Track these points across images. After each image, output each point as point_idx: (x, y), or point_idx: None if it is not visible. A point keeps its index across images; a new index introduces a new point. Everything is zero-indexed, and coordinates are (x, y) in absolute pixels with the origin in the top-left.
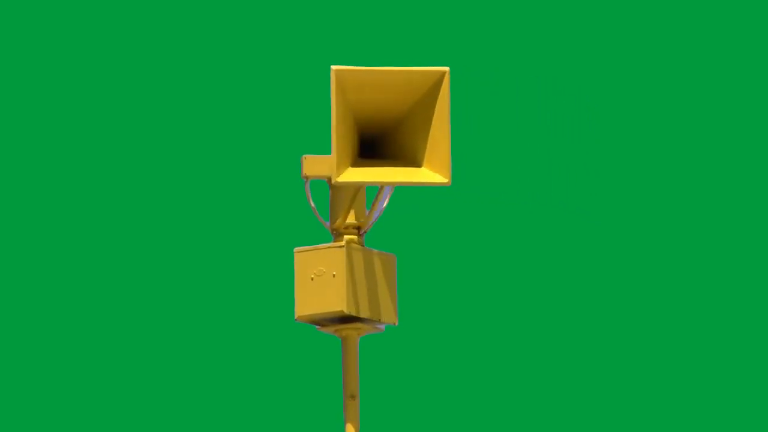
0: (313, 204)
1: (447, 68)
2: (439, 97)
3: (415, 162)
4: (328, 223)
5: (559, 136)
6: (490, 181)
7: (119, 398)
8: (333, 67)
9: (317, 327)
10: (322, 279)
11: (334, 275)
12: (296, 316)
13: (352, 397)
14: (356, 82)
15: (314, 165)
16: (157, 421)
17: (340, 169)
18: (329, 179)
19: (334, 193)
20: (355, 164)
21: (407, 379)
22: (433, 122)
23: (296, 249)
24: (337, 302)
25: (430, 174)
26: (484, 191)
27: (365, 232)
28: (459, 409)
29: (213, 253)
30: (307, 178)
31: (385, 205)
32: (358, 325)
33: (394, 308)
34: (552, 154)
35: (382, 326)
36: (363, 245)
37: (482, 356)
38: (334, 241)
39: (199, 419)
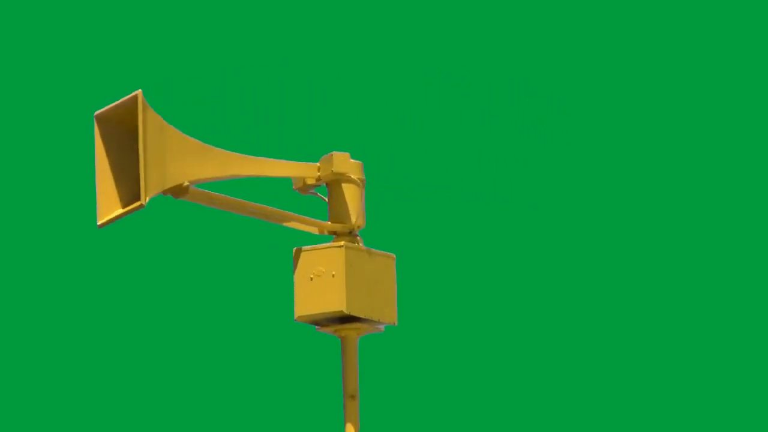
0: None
1: (139, 91)
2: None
3: None
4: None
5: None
6: (488, 181)
7: (118, 398)
8: (96, 113)
9: (317, 327)
10: (321, 279)
11: (333, 275)
12: (296, 316)
13: (352, 397)
14: (121, 120)
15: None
16: (158, 421)
17: (101, 213)
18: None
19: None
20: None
21: (407, 379)
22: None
23: (296, 249)
24: (336, 302)
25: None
26: (484, 192)
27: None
28: (459, 408)
29: (213, 254)
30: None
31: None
32: (358, 325)
33: (394, 308)
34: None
35: (382, 326)
36: (362, 245)
37: (482, 356)
38: (334, 241)
39: (200, 419)
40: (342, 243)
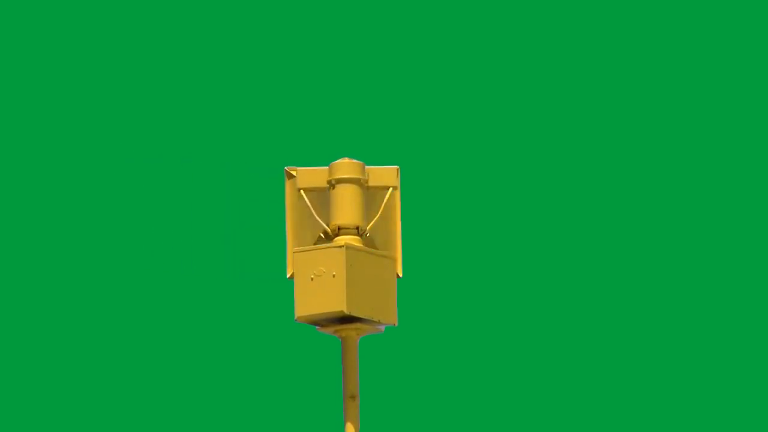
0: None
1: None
2: None
3: None
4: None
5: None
6: (488, 182)
7: (119, 398)
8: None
9: (317, 327)
10: (322, 279)
11: (334, 276)
12: (296, 317)
13: (352, 397)
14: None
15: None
16: (158, 422)
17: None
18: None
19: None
20: None
21: (407, 379)
22: None
23: (295, 249)
24: (337, 302)
25: None
26: (484, 191)
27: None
28: (458, 408)
29: (213, 254)
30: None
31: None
32: (358, 325)
33: (394, 308)
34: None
35: (382, 327)
36: (363, 245)
37: (482, 356)
38: (333, 242)
39: (200, 419)
40: (342, 243)
